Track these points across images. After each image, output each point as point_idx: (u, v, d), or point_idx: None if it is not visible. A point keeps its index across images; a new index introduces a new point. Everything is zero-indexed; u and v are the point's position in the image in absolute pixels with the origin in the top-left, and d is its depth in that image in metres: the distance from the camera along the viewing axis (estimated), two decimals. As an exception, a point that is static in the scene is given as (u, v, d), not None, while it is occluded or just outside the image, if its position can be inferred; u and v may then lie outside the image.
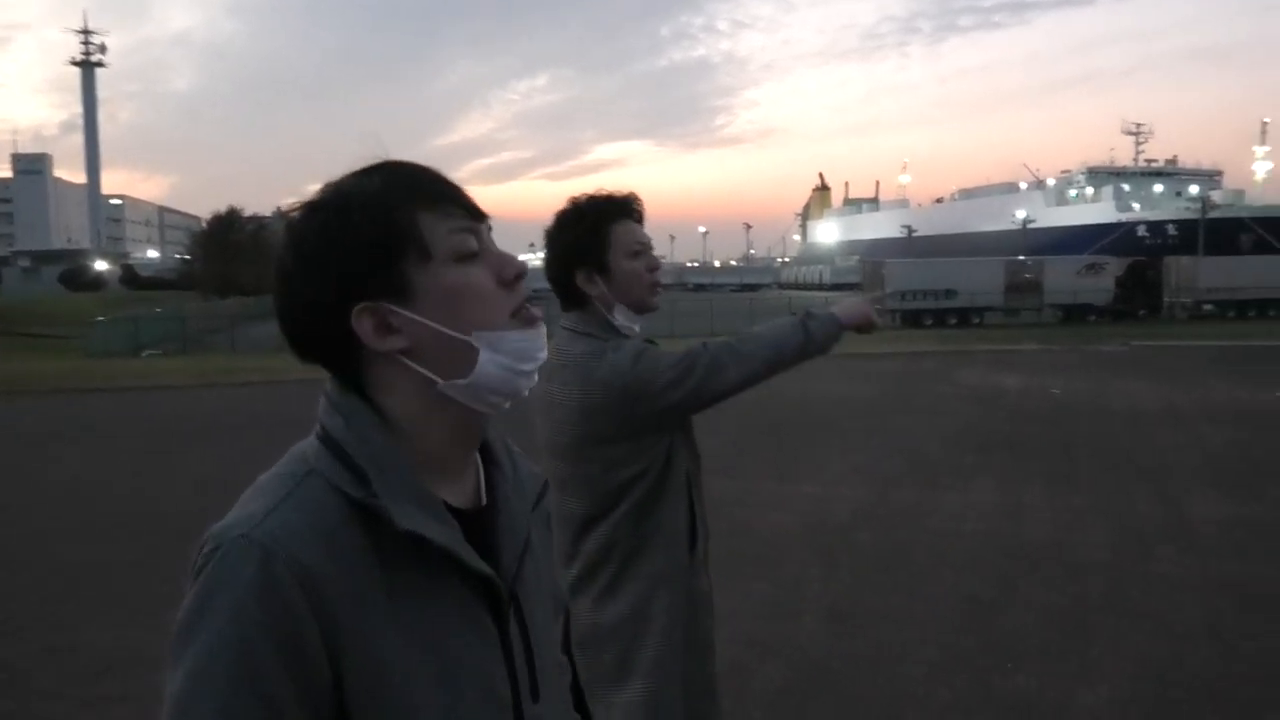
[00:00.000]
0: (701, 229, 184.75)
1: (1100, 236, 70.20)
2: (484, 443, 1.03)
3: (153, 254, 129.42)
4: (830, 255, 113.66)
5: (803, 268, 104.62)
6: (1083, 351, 22.67)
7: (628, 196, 2.13)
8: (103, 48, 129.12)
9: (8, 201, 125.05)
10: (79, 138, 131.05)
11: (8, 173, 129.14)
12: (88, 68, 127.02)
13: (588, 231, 2.08)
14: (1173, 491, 8.00)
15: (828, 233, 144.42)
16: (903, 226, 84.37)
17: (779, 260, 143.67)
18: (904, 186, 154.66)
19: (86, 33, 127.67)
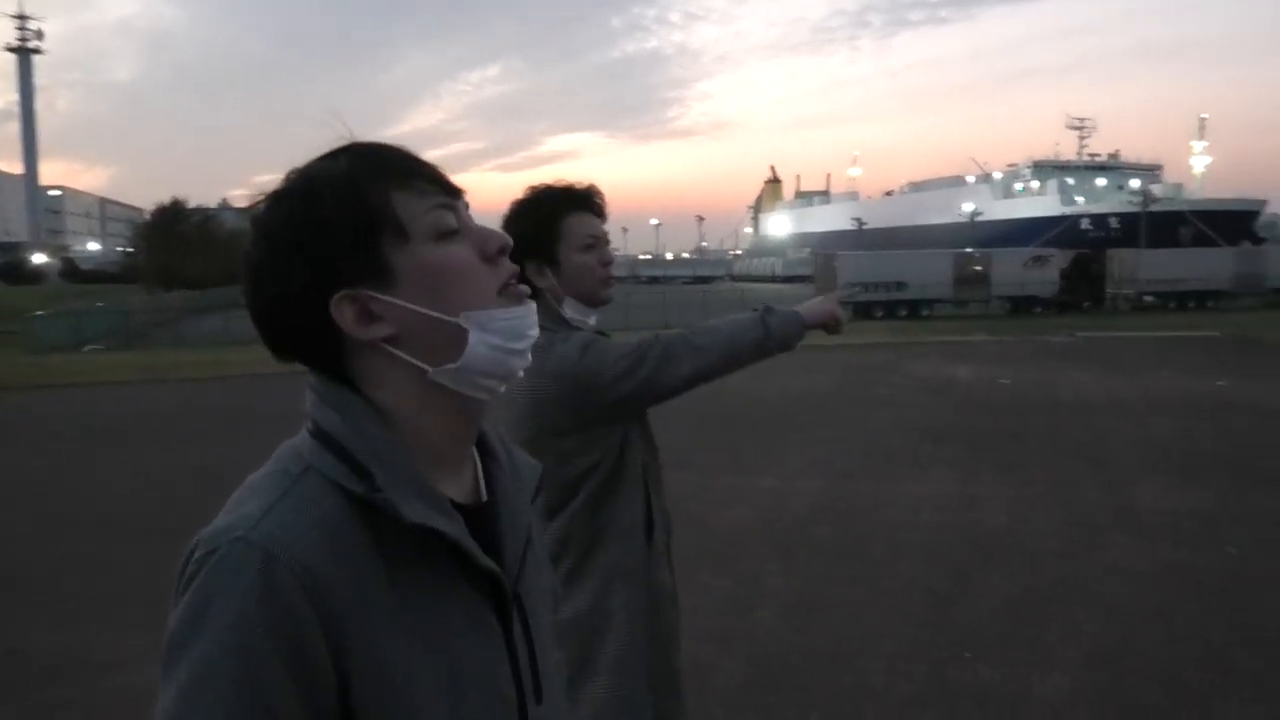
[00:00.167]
0: (654, 221, 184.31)
1: (1045, 229, 71.44)
2: (479, 435, 0.99)
3: (94, 246, 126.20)
4: (782, 248, 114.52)
5: (755, 260, 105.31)
6: (1030, 342, 23.06)
7: (586, 188, 2.11)
8: (39, 34, 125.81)
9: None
10: (15, 127, 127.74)
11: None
12: (24, 54, 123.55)
13: (539, 223, 2.06)
14: (1121, 480, 8.16)
15: (779, 225, 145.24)
16: (853, 219, 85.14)
17: (731, 253, 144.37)
18: (854, 179, 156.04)
19: (22, 18, 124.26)
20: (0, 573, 6.08)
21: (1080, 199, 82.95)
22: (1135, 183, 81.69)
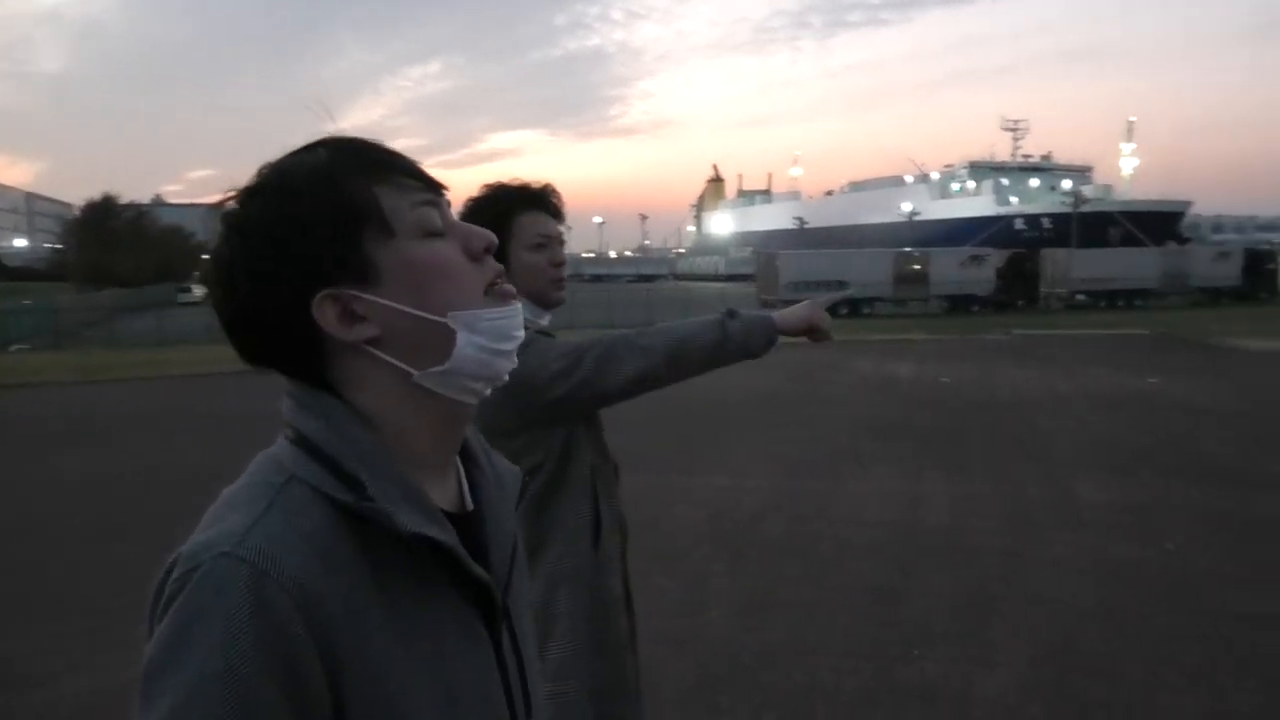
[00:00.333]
0: (597, 219, 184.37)
1: (981, 229, 72.87)
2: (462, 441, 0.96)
3: (20, 243, 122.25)
4: (725, 247, 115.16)
5: (698, 259, 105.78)
6: (968, 341, 23.48)
7: (540, 188, 2.08)
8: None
9: None
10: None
11: None
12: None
13: (490, 221, 2.02)
14: (1060, 476, 8.33)
15: (722, 224, 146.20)
16: (795, 218, 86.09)
17: (675, 251, 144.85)
18: (796, 179, 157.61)
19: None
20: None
21: (1014, 199, 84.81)
22: (1067, 184, 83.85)
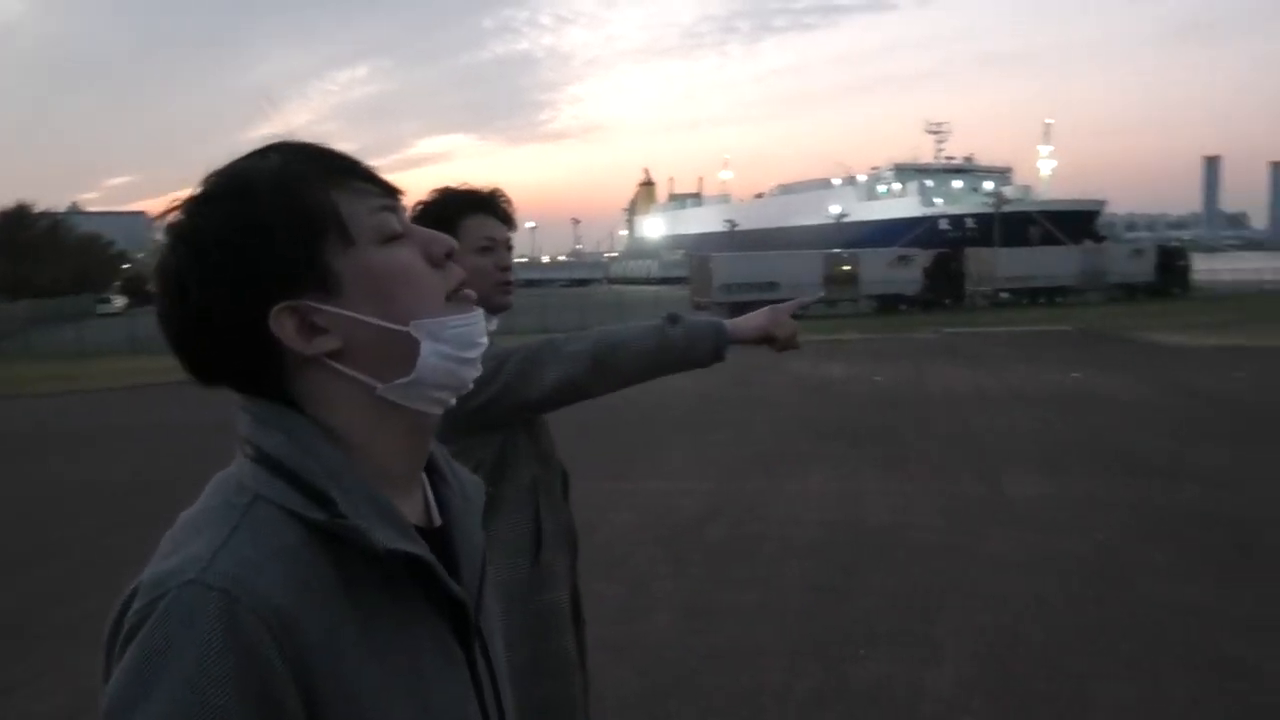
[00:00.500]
0: (530, 224, 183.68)
1: (908, 230, 74.21)
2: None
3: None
4: (657, 250, 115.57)
5: (632, 262, 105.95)
6: (898, 340, 23.88)
7: (489, 191, 2.04)
8: None
9: None
10: None
11: None
12: None
13: (436, 223, 1.97)
14: (994, 472, 8.48)
15: (654, 228, 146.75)
16: (725, 221, 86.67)
17: (607, 255, 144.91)
18: (726, 182, 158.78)
19: None
20: None
21: (939, 200, 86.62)
22: (989, 185, 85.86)
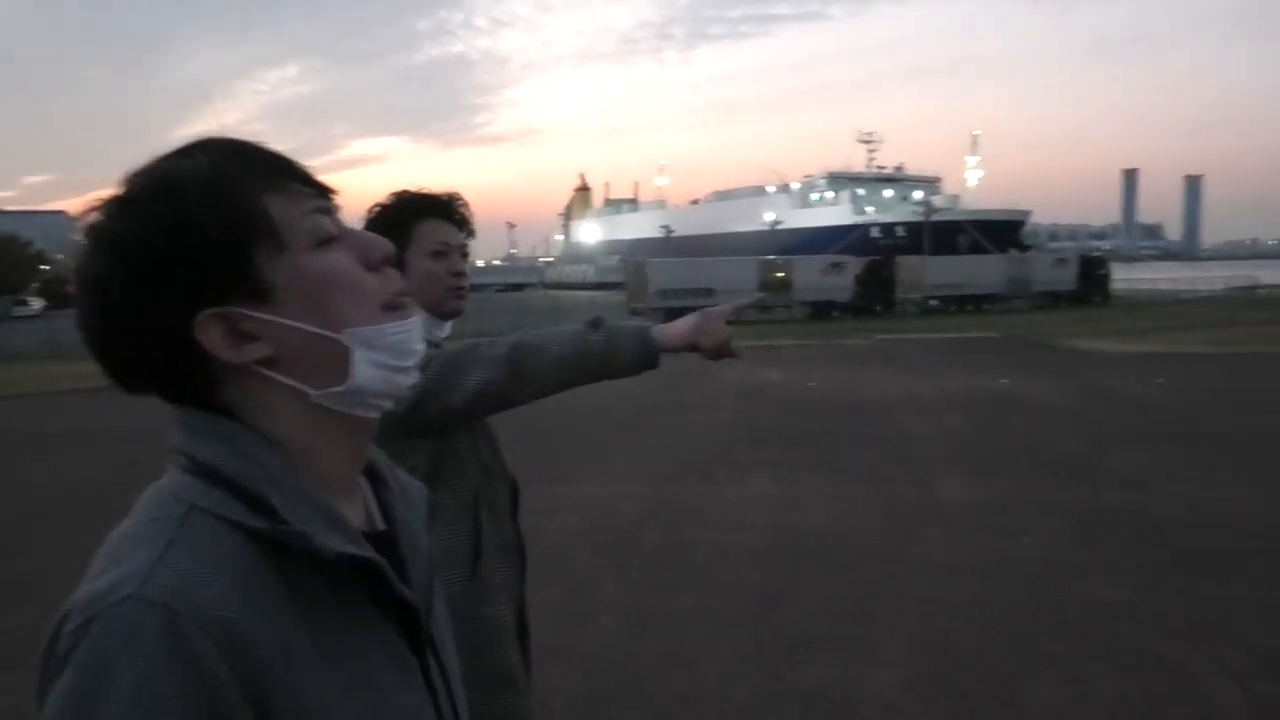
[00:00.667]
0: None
1: (840, 237, 75.39)
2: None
3: None
4: (593, 255, 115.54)
5: (568, 267, 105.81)
6: (832, 346, 24.17)
7: (445, 195, 2.02)
8: None
9: None
10: None
11: None
12: None
13: (390, 226, 1.94)
14: (927, 476, 8.60)
15: (590, 233, 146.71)
16: (661, 227, 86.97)
17: (542, 260, 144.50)
18: (662, 188, 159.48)
19: None
20: None
21: (870, 208, 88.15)
22: (918, 194, 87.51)
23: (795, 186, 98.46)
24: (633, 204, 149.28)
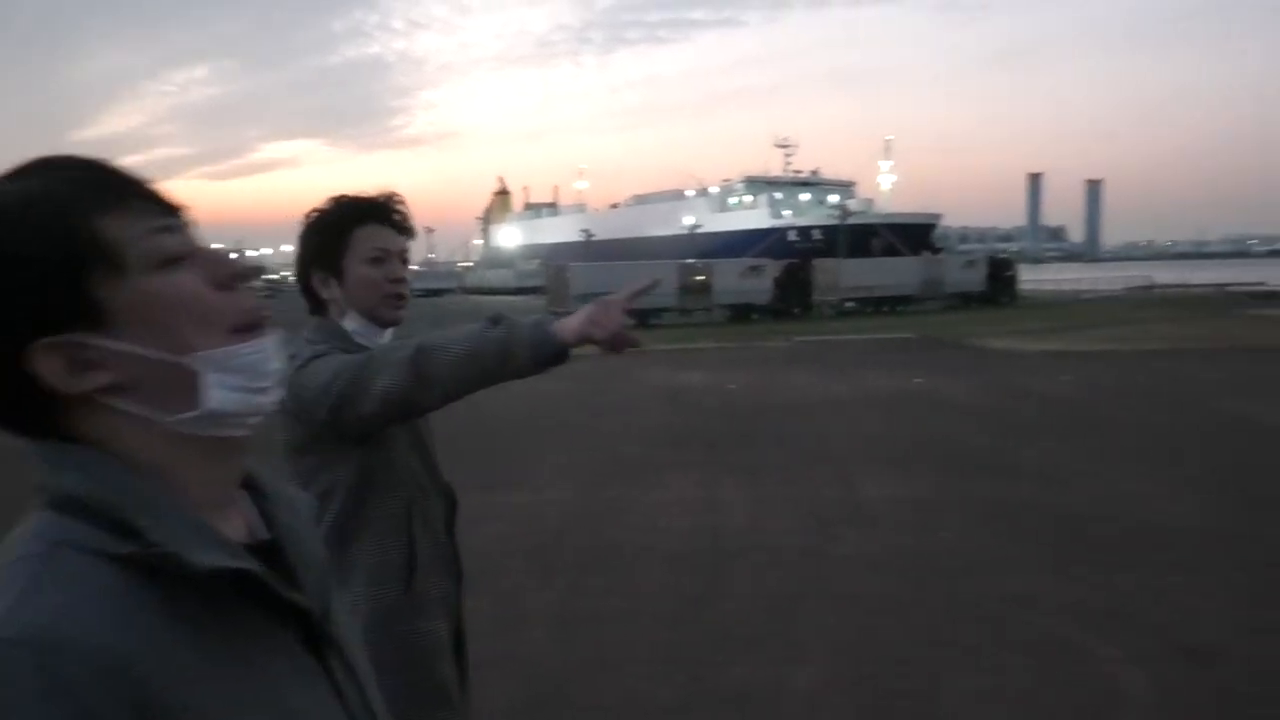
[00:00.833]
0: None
1: (758, 241, 76.22)
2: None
3: None
4: (513, 259, 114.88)
5: (487, 272, 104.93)
6: (751, 348, 24.43)
7: (383, 199, 1.97)
8: None
9: None
10: None
11: None
12: None
13: (326, 231, 1.94)
14: (846, 475, 8.76)
15: (510, 237, 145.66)
16: (582, 231, 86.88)
17: (462, 265, 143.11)
18: (582, 192, 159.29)
19: None
20: None
21: (787, 212, 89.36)
22: (834, 198, 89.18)
23: (714, 191, 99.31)
24: (552, 208, 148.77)
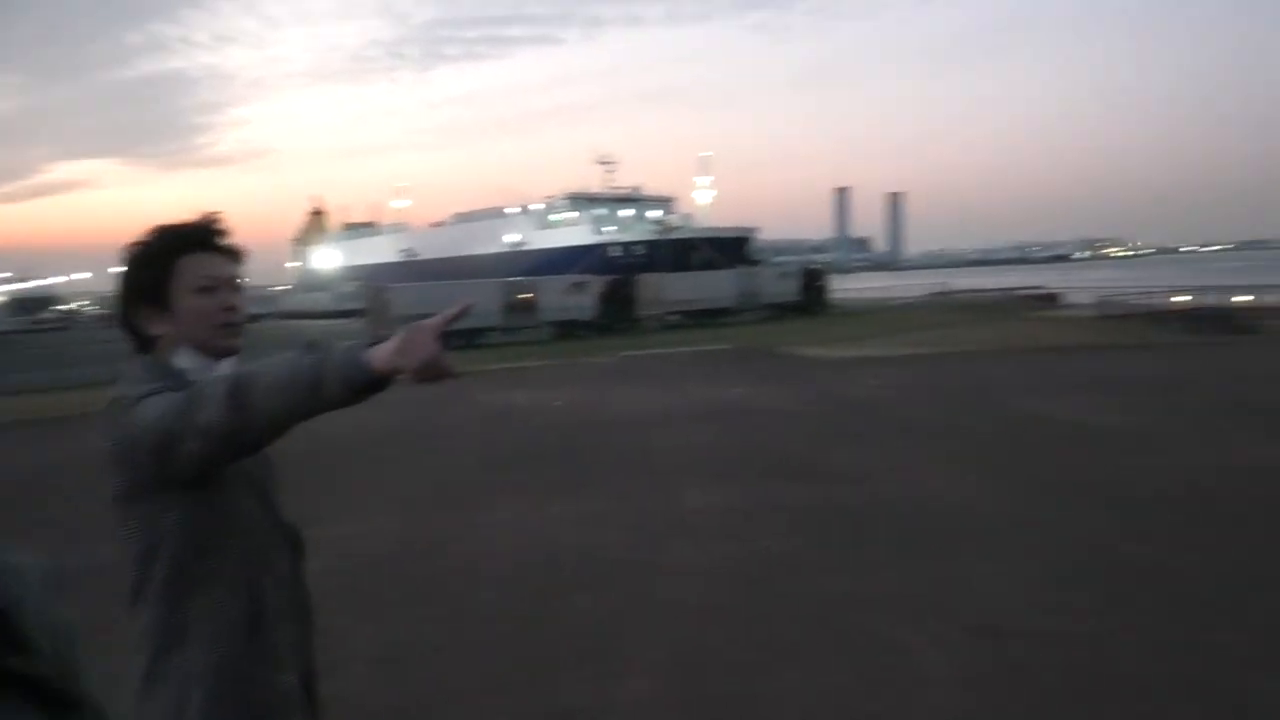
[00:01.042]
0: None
1: (581, 257, 76.75)
2: None
3: None
4: (331, 282, 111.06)
5: (304, 295, 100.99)
6: (578, 364, 24.54)
7: (204, 225, 1.89)
8: None
9: None
10: None
11: None
12: None
13: (148, 264, 1.86)
14: (670, 486, 8.94)
15: (327, 259, 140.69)
16: (402, 250, 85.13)
17: (275, 289, 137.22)
18: (402, 211, 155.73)
19: None
20: None
21: (610, 228, 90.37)
22: (655, 213, 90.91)
23: (536, 208, 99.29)
24: (372, 227, 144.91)
